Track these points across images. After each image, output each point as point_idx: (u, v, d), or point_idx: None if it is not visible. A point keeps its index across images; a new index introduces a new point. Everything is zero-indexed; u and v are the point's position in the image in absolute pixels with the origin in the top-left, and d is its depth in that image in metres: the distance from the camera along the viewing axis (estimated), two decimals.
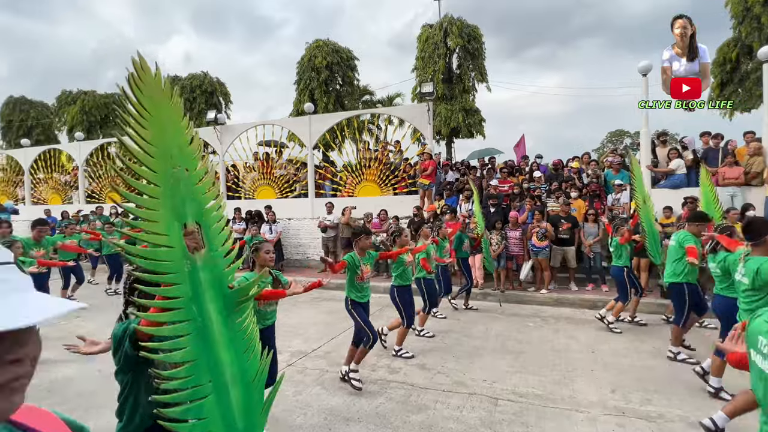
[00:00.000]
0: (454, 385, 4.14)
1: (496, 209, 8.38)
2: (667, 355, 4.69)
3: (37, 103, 25.85)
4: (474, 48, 18.52)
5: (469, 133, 18.99)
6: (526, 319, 6.44)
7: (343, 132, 11.73)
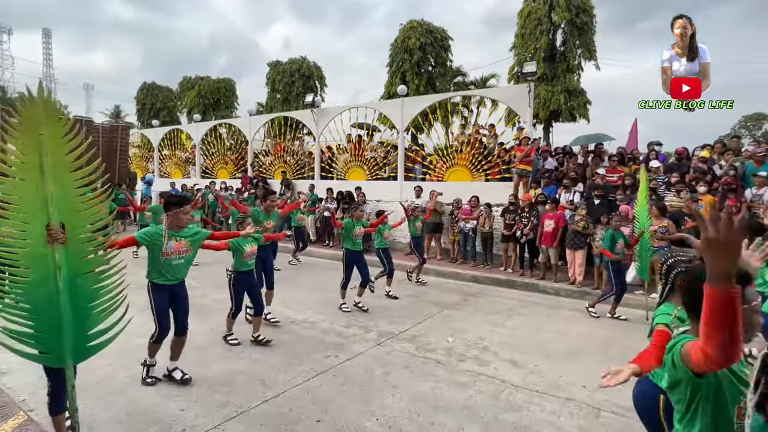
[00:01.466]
0: (549, 387, 3.89)
1: (602, 202, 7.60)
2: None
3: (164, 89, 29.44)
4: (583, 22, 16.82)
5: (571, 117, 17.49)
6: (632, 325, 5.82)
7: (434, 114, 11.50)
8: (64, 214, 2.42)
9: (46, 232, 2.35)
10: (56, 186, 2.38)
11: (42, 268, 2.40)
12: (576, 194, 8.20)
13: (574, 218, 7.31)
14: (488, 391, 3.77)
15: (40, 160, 2.31)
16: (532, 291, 7.52)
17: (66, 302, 2.46)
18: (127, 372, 3.93)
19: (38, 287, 2.41)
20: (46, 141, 2.31)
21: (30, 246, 2.38)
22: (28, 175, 2.32)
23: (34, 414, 3.17)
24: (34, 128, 2.28)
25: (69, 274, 2.46)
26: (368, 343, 4.85)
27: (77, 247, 2.50)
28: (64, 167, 2.39)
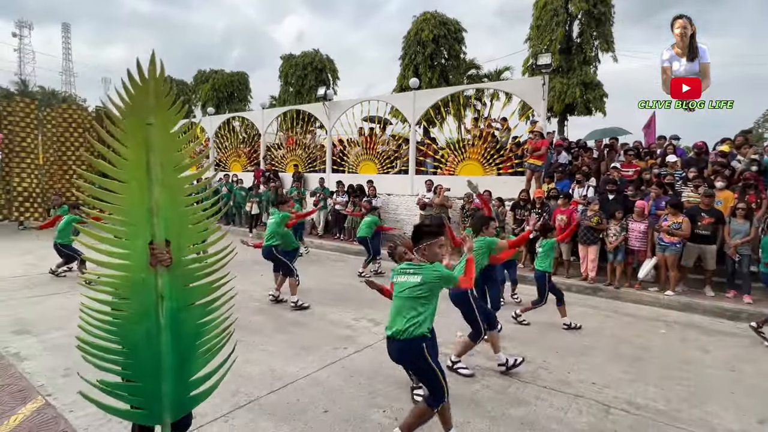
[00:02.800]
0: (557, 383, 3.86)
1: (616, 197, 7.47)
2: None
3: (179, 82, 29.75)
4: (600, 12, 16.44)
5: (587, 110, 17.17)
6: (644, 322, 5.73)
7: (446, 108, 11.40)
8: (170, 229, 1.94)
9: (148, 251, 1.88)
10: (163, 192, 1.91)
11: (142, 298, 1.90)
12: (589, 189, 8.07)
13: (587, 213, 7.20)
14: (496, 385, 3.76)
15: (146, 158, 1.86)
16: None
17: (168, 342, 1.94)
18: None
19: (136, 323, 1.90)
20: (155, 133, 1.87)
21: (130, 269, 1.88)
22: (132, 176, 1.86)
23: (52, 398, 3.26)
24: (141, 114, 1.84)
25: (172, 306, 1.95)
26: (377, 336, 4.87)
27: (182, 272, 1.99)
28: (172, 168, 1.94)
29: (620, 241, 6.80)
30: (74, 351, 4.10)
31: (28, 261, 7.99)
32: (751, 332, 5.28)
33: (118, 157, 1.85)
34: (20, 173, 11.51)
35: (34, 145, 11.70)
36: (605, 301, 6.71)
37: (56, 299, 5.76)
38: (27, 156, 11.57)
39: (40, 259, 8.20)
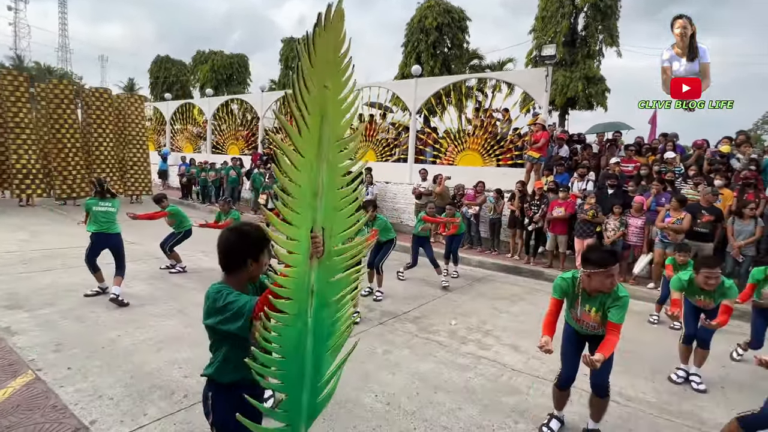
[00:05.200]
0: (550, 373, 3.87)
1: (616, 192, 7.45)
2: None
3: (177, 62, 29.32)
4: (606, 6, 16.24)
5: (588, 105, 17.07)
6: (637, 317, 5.75)
7: (448, 97, 11.30)
8: (327, 214, 1.67)
9: (309, 241, 1.62)
10: (327, 170, 1.63)
11: (301, 296, 1.64)
12: (589, 183, 8.05)
13: (583, 207, 7.19)
14: (489, 374, 3.77)
15: (320, 128, 1.58)
16: (538, 278, 7.47)
17: (311, 346, 1.70)
18: (132, 339, 4.00)
19: (293, 325, 1.63)
20: (330, 98, 1.59)
21: (298, 262, 1.61)
22: (309, 149, 1.58)
23: (42, 373, 3.24)
24: (322, 75, 1.55)
25: (317, 303, 1.69)
26: (371, 322, 4.87)
27: (330, 264, 1.73)
28: (336, 142, 1.67)
29: (618, 236, 6.80)
30: (65, 327, 4.10)
31: (22, 237, 7.91)
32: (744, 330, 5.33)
33: (304, 125, 1.57)
34: (17, 149, 11.25)
35: (28, 120, 11.43)
36: None
37: (48, 276, 5.71)
38: (22, 132, 11.31)
39: (33, 235, 8.12)
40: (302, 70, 1.52)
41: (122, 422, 2.73)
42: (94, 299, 4.95)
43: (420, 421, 2.98)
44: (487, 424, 2.99)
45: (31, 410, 2.77)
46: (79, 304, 4.79)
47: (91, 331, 4.09)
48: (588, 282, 2.65)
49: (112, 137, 12.72)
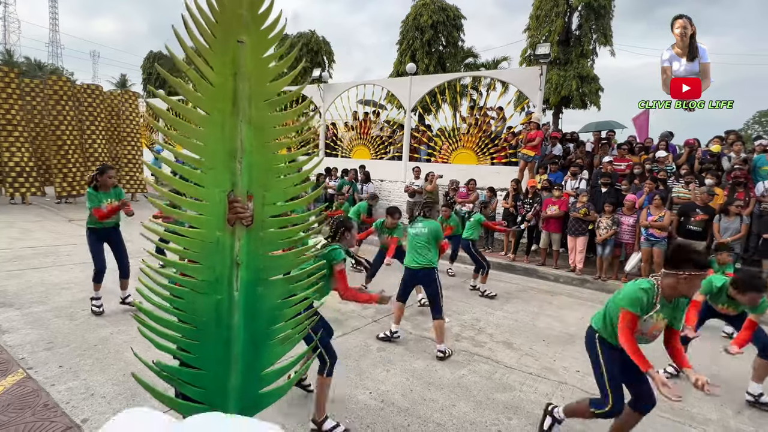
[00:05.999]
0: (542, 370, 3.91)
1: (609, 190, 7.51)
2: None
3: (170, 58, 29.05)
4: (600, 5, 16.32)
5: (582, 104, 17.15)
6: None
7: (442, 95, 11.31)
8: (254, 179, 1.57)
9: (226, 204, 1.51)
10: (250, 131, 1.53)
11: (214, 263, 1.52)
12: (582, 181, 8.10)
13: (576, 205, 7.24)
14: (482, 371, 3.80)
15: (233, 85, 1.49)
16: (531, 276, 7.51)
17: (240, 322, 1.57)
18: (125, 336, 3.97)
19: (205, 293, 1.53)
20: (246, 54, 1.50)
21: (203, 224, 1.50)
22: (215, 106, 1.49)
23: (33, 372, 3.21)
24: (231, 28, 1.47)
25: (249, 278, 1.57)
26: (365, 319, 4.87)
27: (265, 235, 1.60)
28: (263, 102, 1.56)
29: (610, 234, 6.86)
30: (56, 325, 4.07)
31: (12, 234, 7.82)
32: None
33: (201, 80, 1.48)
34: (9, 147, 11.06)
35: (20, 117, 11.25)
36: (592, 292, 6.79)
37: (38, 274, 5.65)
38: (14, 129, 11.13)
39: (24, 232, 8.03)
40: (196, 22, 1.45)
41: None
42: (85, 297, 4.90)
43: (414, 417, 2.99)
44: (480, 421, 3.01)
45: (22, 409, 2.75)
46: (70, 301, 4.75)
47: (83, 329, 4.05)
48: (676, 286, 2.33)
49: (104, 134, 12.59)
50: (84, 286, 5.17)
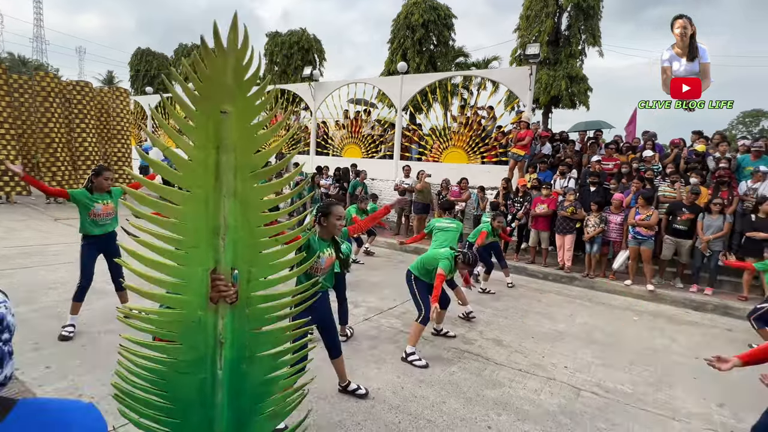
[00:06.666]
0: (531, 366, 3.96)
1: (597, 189, 7.62)
2: None
3: (159, 55, 28.69)
4: (589, 6, 16.49)
5: (571, 104, 17.34)
6: (616, 311, 5.91)
7: (433, 94, 11.34)
8: (239, 254, 1.50)
9: (208, 283, 1.46)
10: (234, 206, 1.46)
11: (196, 343, 1.48)
12: (571, 180, 8.21)
13: (564, 204, 7.33)
14: (472, 368, 3.84)
15: (215, 158, 1.41)
16: (521, 274, 7.59)
17: (224, 401, 1.53)
18: (115, 336, 3.93)
19: (186, 373, 1.49)
20: (231, 125, 1.41)
21: (185, 305, 1.47)
22: (196, 182, 1.43)
23: (20, 373, 3.17)
24: (214, 99, 1.38)
25: (233, 356, 1.53)
26: (356, 317, 4.89)
27: (250, 312, 1.56)
28: (248, 174, 1.49)
29: (598, 232, 6.96)
30: (43, 326, 4.00)
31: None
32: (715, 323, 5.54)
33: (183, 158, 1.43)
34: None
35: (7, 114, 11.00)
36: (580, 290, 6.89)
37: (25, 273, 5.56)
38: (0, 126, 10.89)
39: (9, 232, 7.89)
40: (176, 99, 1.40)
41: None
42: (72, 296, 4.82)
43: (404, 414, 3.02)
44: (470, 417, 3.05)
45: None
46: (57, 301, 4.68)
47: None
48: None
49: (95, 132, 12.38)
50: (71, 287, 5.09)
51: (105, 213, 4.06)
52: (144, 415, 1.51)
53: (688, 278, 6.88)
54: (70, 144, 11.83)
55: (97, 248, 4.12)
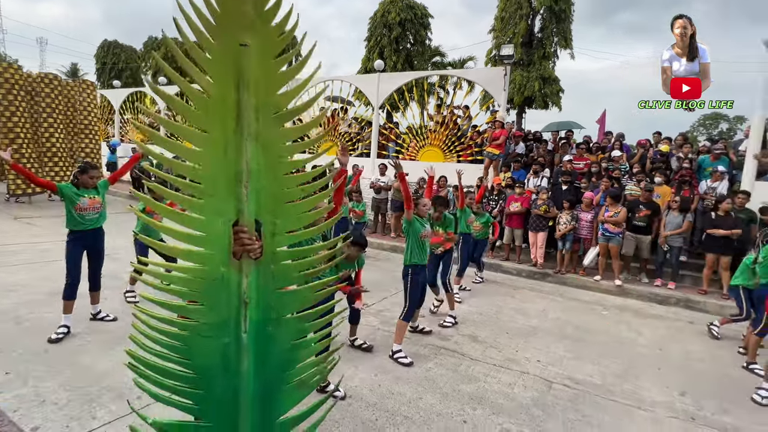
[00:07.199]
0: (506, 361, 4.04)
1: (569, 187, 7.83)
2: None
3: (126, 48, 27.65)
4: (561, 9, 16.90)
5: (544, 104, 17.73)
6: (586, 306, 6.11)
7: (410, 93, 11.39)
8: (263, 205, 1.37)
9: (231, 236, 1.33)
10: (257, 150, 1.32)
11: (219, 304, 1.36)
12: (543, 179, 8.41)
13: (537, 202, 7.51)
14: (448, 363, 3.89)
15: (236, 96, 1.28)
16: (496, 271, 7.73)
17: (251, 367, 1.42)
18: (80, 339, 3.78)
19: (209, 336, 1.37)
20: (252, 59, 1.27)
21: (205, 260, 1.33)
22: (215, 123, 1.28)
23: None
24: (233, 30, 1.24)
25: (258, 317, 1.40)
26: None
27: (277, 269, 1.43)
28: (272, 115, 1.34)
29: (569, 229, 7.16)
30: (2, 329, 3.80)
31: None
32: (678, 316, 5.81)
33: (198, 94, 1.28)
34: None
35: None
36: (553, 285, 7.08)
37: None
38: None
39: None
40: (193, 28, 1.22)
41: (68, 427, 2.59)
42: (32, 300, 4.61)
43: (381, 411, 3.03)
44: (447, 412, 3.09)
45: None
46: (16, 304, 4.46)
47: (32, 333, 3.82)
48: None
49: (62, 127, 11.80)
50: (32, 289, 4.87)
51: (92, 207, 3.99)
52: (163, 385, 1.37)
53: (652, 273, 7.17)
54: (37, 140, 11.23)
55: (82, 244, 4.04)
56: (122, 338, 3.84)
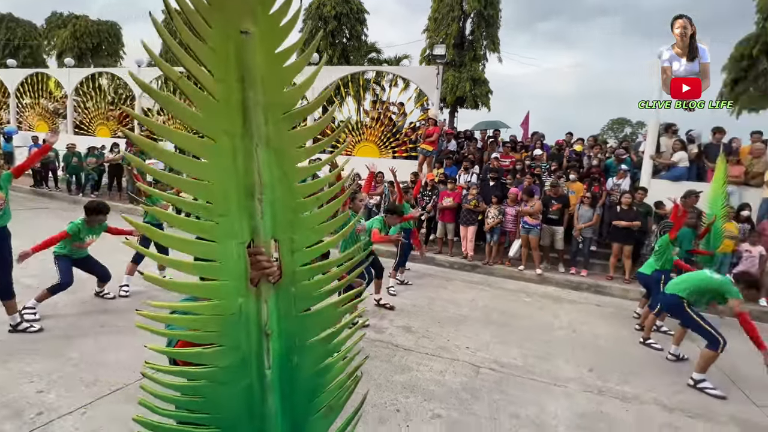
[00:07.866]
0: (437, 349, 4.20)
1: (496, 183, 8.30)
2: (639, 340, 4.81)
3: (24, 22, 24.44)
4: (489, 14, 17.80)
5: (474, 104, 18.59)
6: (511, 294, 6.53)
7: (346, 88, 11.34)
8: (279, 219, 1.17)
9: (247, 260, 1.11)
10: (268, 155, 1.12)
11: (238, 341, 1.13)
12: (473, 175, 8.82)
13: (468, 197, 7.88)
14: (382, 355, 3.95)
15: (241, 93, 1.06)
16: (430, 264, 7.98)
17: (276, 406, 1.21)
18: None
19: (229, 383, 1.14)
20: (254, 50, 1.05)
21: (219, 292, 1.10)
22: (220, 128, 1.06)
23: None
24: (232, 17, 1.02)
25: (282, 349, 1.20)
26: None
27: (297, 290, 1.23)
28: (283, 114, 1.15)
29: (496, 223, 7.60)
30: None
31: None
32: (589, 300, 6.43)
33: (202, 94, 1.04)
34: None
35: None
36: (481, 276, 7.48)
37: None
38: None
39: None
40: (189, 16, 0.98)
41: None
42: None
43: None
44: (380, 402, 3.14)
45: None
46: None
47: None
48: None
49: None
50: None
51: None
52: None
53: (568, 262, 7.85)
54: None
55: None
56: (19, 350, 3.42)
